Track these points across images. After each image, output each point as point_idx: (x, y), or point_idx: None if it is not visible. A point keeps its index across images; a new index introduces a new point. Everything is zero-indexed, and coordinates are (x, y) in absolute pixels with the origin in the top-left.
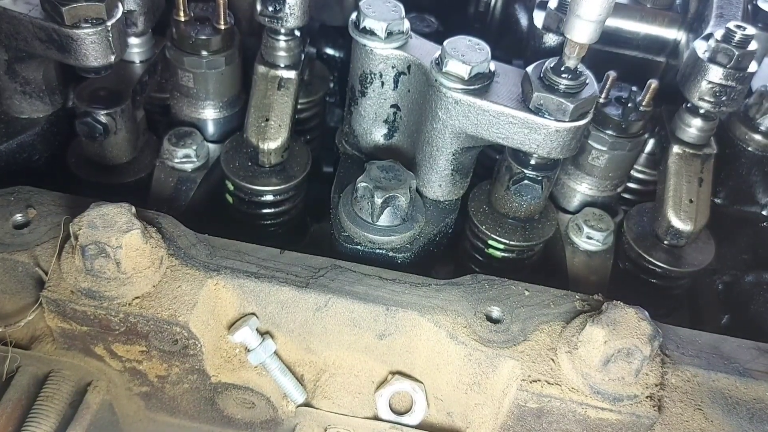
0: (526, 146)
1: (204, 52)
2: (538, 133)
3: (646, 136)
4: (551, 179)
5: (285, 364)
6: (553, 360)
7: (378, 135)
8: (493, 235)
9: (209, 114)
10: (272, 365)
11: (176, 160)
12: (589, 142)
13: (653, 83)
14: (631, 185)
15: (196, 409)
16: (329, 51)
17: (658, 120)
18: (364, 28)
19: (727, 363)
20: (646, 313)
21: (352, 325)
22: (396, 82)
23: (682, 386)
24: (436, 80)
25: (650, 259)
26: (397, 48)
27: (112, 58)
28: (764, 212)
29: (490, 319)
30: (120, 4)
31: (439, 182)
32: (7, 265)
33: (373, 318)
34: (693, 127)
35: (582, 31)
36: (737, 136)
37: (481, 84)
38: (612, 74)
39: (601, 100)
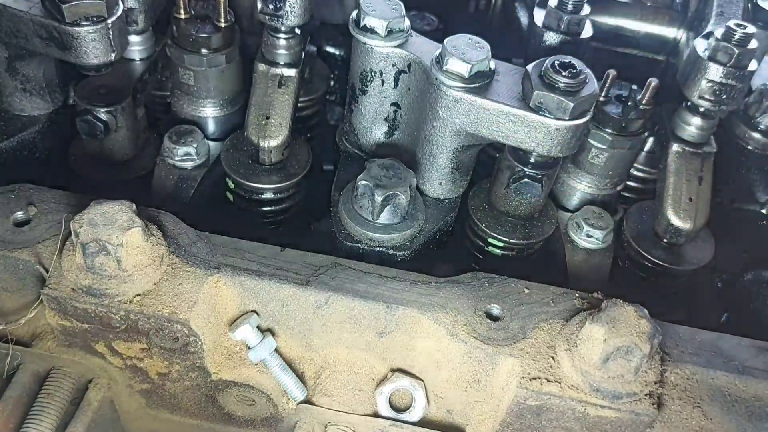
0: (526, 144)
1: (204, 50)
2: (538, 131)
3: (646, 134)
4: (551, 177)
5: (285, 361)
6: (552, 358)
7: (378, 133)
8: (492, 234)
9: (210, 112)
10: (273, 363)
11: (177, 158)
12: (589, 140)
13: (653, 82)
14: (631, 183)
15: (196, 406)
16: (330, 49)
17: (658, 118)
18: (365, 26)
19: (727, 361)
20: (646, 311)
21: (353, 323)
22: (396, 80)
23: (681, 384)
24: (436, 78)
25: (649, 257)
26: (398, 46)
27: (113, 55)
28: (764, 211)
29: (490, 316)
30: (120, 2)
31: (439, 180)
32: (8, 262)
33: (374, 316)
34: (693, 126)
35: None
36: (737, 134)
37: (481, 82)
38: (612, 72)
39: (601, 99)
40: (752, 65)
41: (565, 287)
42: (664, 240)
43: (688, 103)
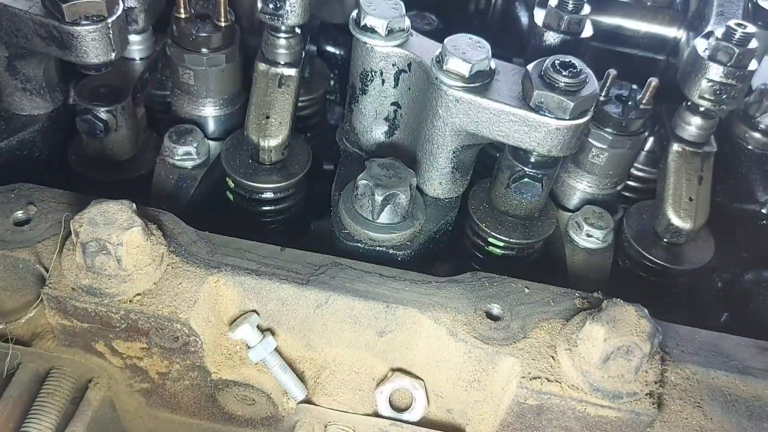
0: (526, 144)
1: (204, 50)
2: (538, 131)
3: (646, 134)
4: (551, 177)
5: (285, 361)
6: (552, 357)
7: (378, 133)
8: (493, 233)
9: (210, 111)
10: (273, 362)
11: (177, 158)
12: (589, 140)
13: (653, 81)
14: (631, 183)
15: (196, 405)
16: (330, 48)
17: (658, 118)
18: (365, 25)
19: (727, 361)
20: (646, 310)
21: (353, 322)
22: (396, 79)
23: (681, 384)
24: (436, 78)
25: (650, 257)
26: (398, 46)
27: (113, 55)
28: (764, 210)
29: (490, 316)
30: (120, 1)
31: (439, 180)
32: (8, 262)
33: (374, 315)
34: (693, 125)
35: None
36: (737, 134)
37: (481, 82)
38: (612, 72)
39: (602, 98)
40: (752, 65)
41: (565, 287)
42: (664, 240)
43: (689, 103)
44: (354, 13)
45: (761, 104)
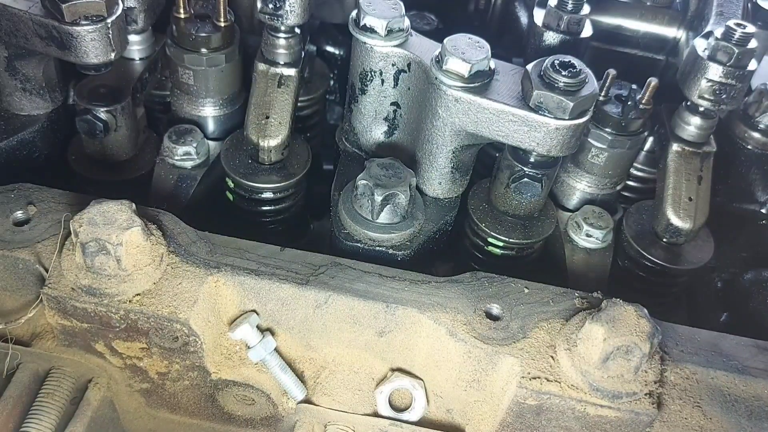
0: (525, 144)
1: (204, 50)
2: (537, 131)
3: (646, 134)
4: (551, 177)
5: (285, 361)
6: (552, 357)
7: (378, 132)
8: (492, 233)
9: (209, 111)
10: (272, 362)
11: (176, 158)
12: (589, 140)
13: (653, 81)
14: (631, 183)
15: (196, 405)
16: (329, 48)
17: (658, 118)
18: (365, 25)
19: (726, 360)
20: (646, 310)
21: (352, 322)
22: (396, 79)
23: (681, 383)
24: (436, 78)
25: (649, 256)
26: (398, 46)
27: (113, 55)
28: (763, 210)
29: (489, 316)
30: (120, 1)
31: (439, 180)
32: (8, 262)
33: (373, 315)
34: (692, 125)
35: None
36: (736, 134)
37: (481, 82)
38: (612, 72)
39: (601, 98)
40: (752, 65)
41: (564, 287)
42: (664, 240)
43: (688, 103)
44: (354, 13)
45: (761, 104)
